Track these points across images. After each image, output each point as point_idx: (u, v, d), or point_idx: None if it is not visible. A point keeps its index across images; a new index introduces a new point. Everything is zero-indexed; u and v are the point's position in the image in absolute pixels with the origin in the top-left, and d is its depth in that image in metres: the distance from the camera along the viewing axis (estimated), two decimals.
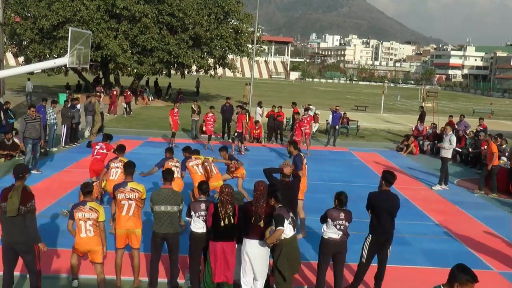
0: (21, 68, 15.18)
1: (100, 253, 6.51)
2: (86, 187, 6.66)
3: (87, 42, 12.60)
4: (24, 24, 29.61)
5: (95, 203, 6.60)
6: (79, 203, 6.57)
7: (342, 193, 6.77)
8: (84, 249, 6.50)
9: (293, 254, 6.28)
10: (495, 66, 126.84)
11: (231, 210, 6.34)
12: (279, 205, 6.27)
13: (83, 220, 6.39)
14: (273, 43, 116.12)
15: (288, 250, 6.21)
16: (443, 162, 14.02)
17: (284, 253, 6.18)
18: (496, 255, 9.00)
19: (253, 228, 6.24)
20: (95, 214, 6.40)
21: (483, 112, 38.58)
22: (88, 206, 6.43)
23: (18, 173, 6.13)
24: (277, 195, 6.29)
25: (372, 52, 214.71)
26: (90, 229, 6.41)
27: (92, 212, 6.40)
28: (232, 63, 39.23)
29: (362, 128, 25.79)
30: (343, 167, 16.23)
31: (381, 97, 39.68)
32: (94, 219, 6.40)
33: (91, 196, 6.66)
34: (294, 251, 6.29)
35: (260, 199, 6.32)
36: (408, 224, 10.32)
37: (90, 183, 6.86)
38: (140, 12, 29.22)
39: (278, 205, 6.27)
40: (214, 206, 6.40)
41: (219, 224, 6.28)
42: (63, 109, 17.30)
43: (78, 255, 6.73)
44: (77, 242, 6.48)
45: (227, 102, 20.86)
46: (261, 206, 6.30)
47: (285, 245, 6.19)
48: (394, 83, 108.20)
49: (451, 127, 14.85)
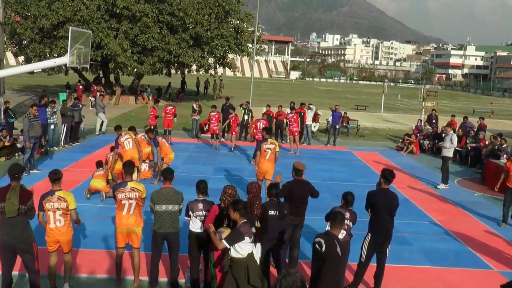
0: (21, 67, 15.14)
1: (69, 243, 6.47)
2: (54, 174, 6.43)
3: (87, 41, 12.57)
4: (24, 23, 29.60)
5: (63, 191, 6.42)
6: (47, 193, 6.37)
7: (349, 193, 6.81)
8: (54, 239, 6.38)
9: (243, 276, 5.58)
10: (495, 65, 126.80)
11: None
12: (243, 220, 5.72)
13: (52, 210, 6.27)
14: (273, 43, 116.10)
15: (238, 271, 5.60)
16: (444, 161, 14.03)
17: (252, 268, 5.63)
18: (496, 254, 9.00)
19: None
20: (64, 204, 6.29)
21: (483, 112, 38.56)
22: (56, 196, 6.30)
23: (14, 173, 6.12)
24: (240, 208, 5.73)
25: (372, 51, 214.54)
26: (60, 219, 6.31)
27: (60, 201, 6.29)
28: (232, 62, 39.24)
29: (362, 127, 25.79)
30: (343, 166, 16.23)
31: (381, 97, 39.67)
32: (63, 209, 6.29)
33: (59, 184, 6.43)
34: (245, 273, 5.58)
35: (254, 201, 6.29)
36: (408, 223, 10.33)
37: (59, 171, 6.56)
38: (140, 11, 29.21)
39: (243, 220, 5.71)
40: (219, 207, 6.36)
41: (222, 226, 6.23)
42: (63, 109, 17.29)
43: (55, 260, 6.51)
44: (47, 233, 6.37)
45: (226, 101, 20.92)
46: (256, 208, 6.27)
47: (249, 261, 5.63)
48: (394, 82, 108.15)
49: (451, 127, 14.86)
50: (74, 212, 6.40)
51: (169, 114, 18.28)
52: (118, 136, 12.00)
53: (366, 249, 7.05)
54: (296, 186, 7.45)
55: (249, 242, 5.63)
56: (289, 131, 18.31)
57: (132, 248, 6.91)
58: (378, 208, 6.98)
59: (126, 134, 12.04)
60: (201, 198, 6.77)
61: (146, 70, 31.37)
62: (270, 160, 10.70)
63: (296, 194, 7.36)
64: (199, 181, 6.85)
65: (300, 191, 7.43)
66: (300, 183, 7.53)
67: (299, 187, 7.45)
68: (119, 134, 12.01)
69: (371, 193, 7.15)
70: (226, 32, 33.49)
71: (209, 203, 6.70)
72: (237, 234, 5.58)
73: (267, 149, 10.74)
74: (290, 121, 18.01)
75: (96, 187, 10.94)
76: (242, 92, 43.95)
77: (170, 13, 30.81)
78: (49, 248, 6.45)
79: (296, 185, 7.47)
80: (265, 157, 10.70)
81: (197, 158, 16.02)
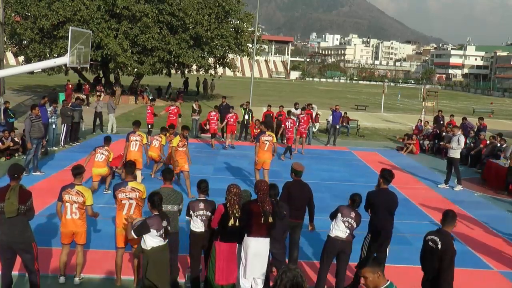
0: (21, 67, 15.11)
1: (84, 234, 6.78)
2: (76, 168, 6.82)
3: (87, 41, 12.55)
4: (24, 23, 29.59)
5: (83, 187, 6.76)
6: (68, 185, 6.74)
7: (358, 194, 6.85)
8: (69, 230, 6.69)
9: (145, 267, 5.92)
10: (495, 65, 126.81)
11: (238, 211, 6.29)
12: (155, 212, 5.99)
13: (69, 202, 6.61)
14: (273, 43, 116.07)
15: (155, 260, 5.89)
16: (453, 162, 13.90)
17: (152, 263, 5.88)
18: (496, 254, 9.00)
19: (259, 226, 6.21)
20: (81, 198, 6.61)
21: (483, 112, 38.56)
22: (76, 189, 6.65)
23: (13, 173, 6.13)
24: (154, 200, 5.99)
25: (372, 51, 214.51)
26: (76, 212, 6.63)
27: (78, 196, 6.61)
28: (232, 62, 39.24)
29: (362, 127, 25.79)
30: (343, 166, 16.23)
31: (381, 97, 39.66)
32: (79, 203, 6.61)
33: (80, 179, 6.80)
34: (161, 261, 5.95)
35: (265, 198, 6.31)
36: (408, 223, 10.32)
37: (81, 165, 7.00)
38: (140, 11, 29.19)
39: (154, 212, 5.98)
40: (224, 206, 6.36)
41: (227, 225, 6.25)
42: (63, 109, 17.29)
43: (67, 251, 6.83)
44: (63, 224, 6.70)
45: (223, 101, 20.97)
46: (268, 204, 6.29)
47: (150, 255, 5.89)
48: (394, 82, 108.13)
49: (458, 128, 14.79)
50: (90, 208, 6.74)
51: (172, 114, 18.25)
52: (130, 133, 11.77)
53: (366, 249, 7.06)
54: (295, 187, 7.41)
55: (156, 235, 5.86)
56: (297, 131, 17.83)
57: (132, 248, 6.91)
58: (378, 208, 6.98)
59: (138, 135, 11.69)
60: (202, 197, 6.77)
61: (146, 70, 31.37)
62: (268, 151, 11.78)
63: (294, 195, 7.32)
64: (200, 181, 6.84)
65: (299, 191, 7.39)
66: (299, 184, 7.50)
67: (298, 188, 7.41)
68: (133, 131, 11.77)
69: (371, 193, 7.16)
70: (226, 32, 33.48)
71: (210, 203, 6.71)
72: (144, 226, 5.84)
73: (265, 141, 11.76)
74: (300, 121, 17.80)
75: (99, 173, 11.10)
76: (242, 92, 43.95)
77: (170, 13, 30.81)
78: (63, 240, 6.79)
79: (295, 186, 7.43)
80: (263, 148, 11.74)
81: (197, 158, 15.99)
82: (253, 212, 6.22)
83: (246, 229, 6.26)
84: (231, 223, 6.23)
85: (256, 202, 6.29)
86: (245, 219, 6.25)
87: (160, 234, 5.91)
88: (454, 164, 13.91)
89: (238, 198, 6.34)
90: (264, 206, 6.23)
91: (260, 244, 6.23)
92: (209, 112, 18.87)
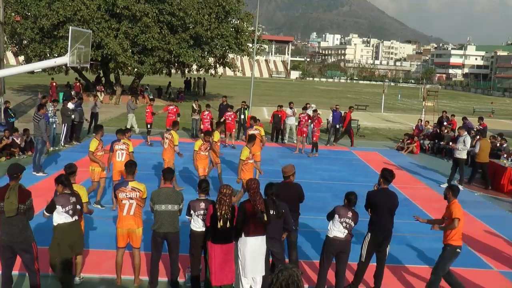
0: (21, 67, 15.12)
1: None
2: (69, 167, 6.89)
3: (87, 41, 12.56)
4: (24, 23, 29.60)
5: (78, 185, 6.83)
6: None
7: (353, 193, 6.81)
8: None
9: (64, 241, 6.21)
10: (496, 65, 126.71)
11: (228, 212, 6.21)
12: (65, 191, 6.32)
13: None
14: (273, 42, 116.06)
15: (58, 237, 6.21)
16: (459, 163, 13.98)
17: (55, 238, 6.21)
18: (496, 254, 9.00)
19: (256, 224, 6.21)
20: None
21: (483, 111, 38.54)
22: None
23: (13, 173, 6.13)
24: (62, 180, 6.36)
25: (372, 51, 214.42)
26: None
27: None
28: (232, 62, 39.25)
29: (363, 127, 25.78)
30: (344, 166, 16.23)
31: (381, 96, 39.66)
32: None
33: (74, 177, 6.82)
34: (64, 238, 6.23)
35: (256, 197, 6.33)
36: (408, 223, 10.29)
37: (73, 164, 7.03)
38: (140, 11, 29.21)
39: (64, 191, 6.32)
40: (213, 207, 6.35)
41: (217, 226, 6.21)
42: (63, 108, 17.29)
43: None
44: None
45: (223, 100, 20.94)
46: (259, 202, 6.30)
47: (55, 231, 6.24)
48: (394, 82, 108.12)
49: (463, 129, 14.76)
50: (86, 205, 6.75)
51: (171, 114, 18.26)
52: (115, 141, 10.43)
53: (366, 248, 7.06)
54: (282, 189, 7.15)
55: (61, 211, 6.15)
56: (298, 130, 17.95)
57: (132, 248, 6.91)
58: (378, 207, 6.98)
59: (124, 143, 10.40)
60: (203, 197, 6.77)
61: (146, 70, 31.39)
62: (256, 144, 11.77)
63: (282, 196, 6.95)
64: (201, 180, 6.86)
65: (287, 192, 7.18)
66: (287, 186, 7.34)
67: (286, 190, 7.20)
68: (118, 140, 10.42)
69: (371, 193, 7.15)
70: (226, 31, 33.50)
71: (211, 203, 6.70)
72: (51, 203, 6.19)
73: (252, 134, 12.06)
74: (301, 121, 17.74)
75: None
76: (242, 92, 43.94)
77: (170, 13, 30.82)
78: None
79: (283, 188, 7.21)
80: None
81: None
82: (248, 211, 6.24)
83: (244, 229, 6.26)
84: (220, 225, 6.17)
85: (250, 201, 6.32)
86: (242, 219, 6.25)
87: (67, 211, 6.15)
88: (460, 165, 13.96)
89: (229, 199, 6.29)
90: (256, 205, 6.25)
91: (257, 242, 6.26)
92: (202, 112, 18.88)
